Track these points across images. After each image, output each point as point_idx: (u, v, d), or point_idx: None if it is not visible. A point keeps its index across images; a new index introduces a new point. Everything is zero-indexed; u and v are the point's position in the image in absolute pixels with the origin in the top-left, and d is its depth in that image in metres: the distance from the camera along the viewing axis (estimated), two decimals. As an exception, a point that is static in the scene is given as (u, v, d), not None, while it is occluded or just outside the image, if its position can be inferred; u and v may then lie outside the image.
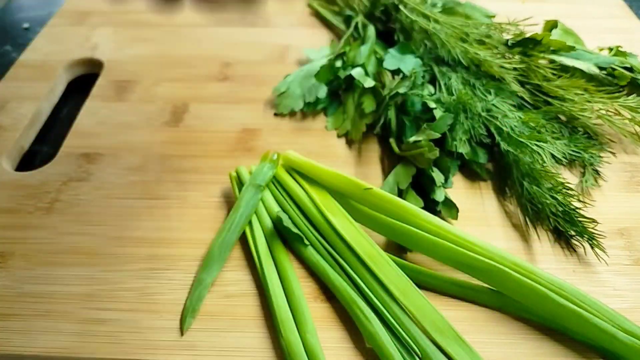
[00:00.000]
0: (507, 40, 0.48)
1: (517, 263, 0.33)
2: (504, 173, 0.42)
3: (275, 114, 0.49)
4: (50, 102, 0.52)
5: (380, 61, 0.50)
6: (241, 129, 0.47)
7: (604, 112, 0.45)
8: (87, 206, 0.40)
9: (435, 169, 0.39)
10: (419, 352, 0.30)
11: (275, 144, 0.46)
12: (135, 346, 0.32)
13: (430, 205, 0.39)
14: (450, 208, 0.39)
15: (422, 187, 0.40)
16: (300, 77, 0.50)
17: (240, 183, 0.40)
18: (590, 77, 0.46)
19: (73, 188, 0.42)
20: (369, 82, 0.46)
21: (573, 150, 0.43)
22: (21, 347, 0.32)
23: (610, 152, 0.45)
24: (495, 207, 0.40)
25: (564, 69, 0.47)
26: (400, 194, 0.39)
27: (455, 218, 0.39)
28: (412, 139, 0.39)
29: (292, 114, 0.49)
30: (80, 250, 0.37)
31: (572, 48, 0.48)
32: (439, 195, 0.39)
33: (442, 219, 0.37)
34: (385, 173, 0.43)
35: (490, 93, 0.45)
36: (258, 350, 0.32)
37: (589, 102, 0.44)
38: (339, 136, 0.47)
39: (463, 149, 0.41)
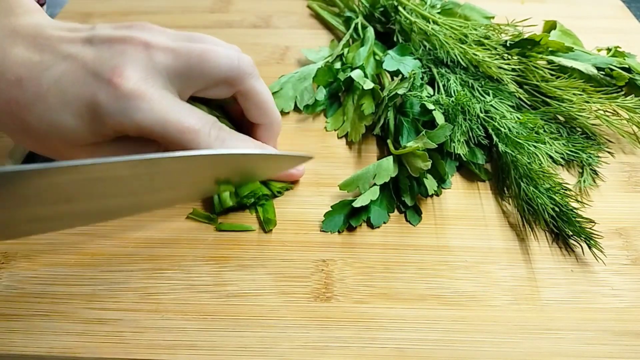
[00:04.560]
0: (506, 41, 0.48)
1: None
2: (502, 174, 0.42)
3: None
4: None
5: (379, 62, 0.50)
6: (241, 130, 0.48)
7: (602, 112, 0.45)
8: (88, 207, 0.41)
9: (429, 176, 0.40)
10: None
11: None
12: (137, 346, 0.32)
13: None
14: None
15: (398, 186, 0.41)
16: (295, 79, 0.51)
17: None
18: (588, 78, 0.47)
19: (75, 189, 0.42)
20: (368, 84, 0.46)
21: (571, 151, 0.43)
22: (23, 347, 0.32)
23: (609, 152, 0.45)
24: (494, 207, 0.41)
25: (562, 69, 0.47)
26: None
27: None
28: (409, 144, 0.39)
29: (291, 114, 0.49)
30: (82, 250, 0.38)
31: (570, 49, 0.48)
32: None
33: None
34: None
35: (488, 94, 0.46)
36: (258, 349, 0.32)
37: (587, 102, 0.45)
38: (339, 137, 0.47)
39: (461, 150, 0.41)
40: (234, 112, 0.43)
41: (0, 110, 0.35)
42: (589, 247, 0.37)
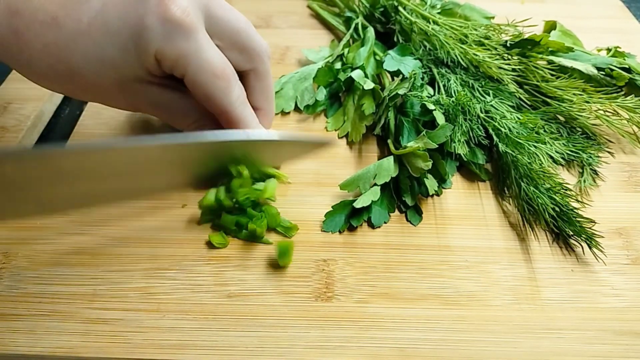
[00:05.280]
0: (506, 41, 0.48)
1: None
2: (503, 174, 0.42)
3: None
4: (53, 102, 0.53)
5: (380, 63, 0.50)
6: (242, 130, 0.48)
7: (602, 112, 0.45)
8: (89, 207, 0.41)
9: (429, 176, 0.40)
10: None
11: (276, 145, 0.46)
12: (139, 345, 0.32)
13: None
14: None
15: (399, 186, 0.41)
16: (295, 79, 0.51)
17: None
18: (588, 78, 0.47)
19: (76, 189, 0.42)
20: (368, 84, 0.46)
21: (571, 151, 0.43)
22: (25, 347, 0.32)
23: (609, 152, 0.45)
24: (494, 207, 0.41)
25: (562, 69, 0.47)
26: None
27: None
28: (410, 144, 0.39)
29: (292, 114, 0.49)
30: (83, 250, 0.38)
31: (570, 49, 0.48)
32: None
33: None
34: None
35: (489, 94, 0.46)
36: (259, 349, 0.32)
37: (587, 102, 0.45)
38: (339, 137, 0.47)
39: (462, 150, 0.41)
40: None
41: (39, 56, 0.33)
42: (590, 247, 0.37)
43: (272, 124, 0.46)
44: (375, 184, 0.39)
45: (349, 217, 0.39)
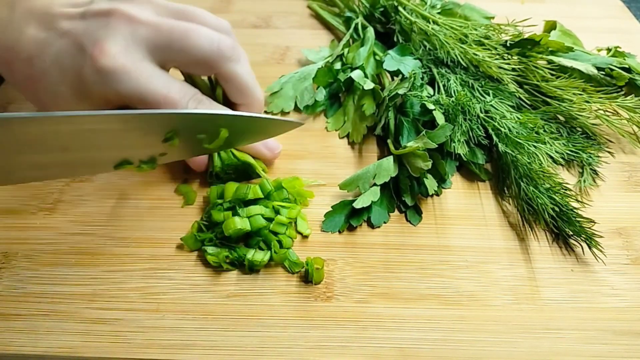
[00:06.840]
0: (506, 41, 0.48)
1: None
2: (502, 173, 0.42)
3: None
4: (53, 103, 0.53)
5: (379, 63, 0.50)
6: (242, 130, 0.48)
7: (602, 112, 0.45)
8: (89, 207, 0.41)
9: (429, 176, 0.40)
10: None
11: (275, 145, 0.46)
12: (138, 345, 0.32)
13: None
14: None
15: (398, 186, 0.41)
16: (295, 79, 0.51)
17: None
18: (588, 78, 0.47)
19: (76, 189, 0.42)
20: (368, 84, 0.46)
21: (571, 151, 0.43)
22: (25, 347, 0.32)
23: (609, 152, 0.45)
24: (494, 207, 0.41)
25: (563, 69, 0.47)
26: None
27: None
28: (410, 144, 0.39)
29: (291, 114, 0.49)
30: (83, 250, 0.38)
31: (570, 49, 0.48)
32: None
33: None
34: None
35: (488, 94, 0.46)
36: (259, 349, 0.32)
37: (587, 102, 0.45)
38: (340, 137, 0.47)
39: (462, 149, 0.41)
40: None
41: (23, 84, 0.38)
42: (589, 247, 0.37)
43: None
44: (375, 184, 0.39)
45: (348, 217, 0.39)
